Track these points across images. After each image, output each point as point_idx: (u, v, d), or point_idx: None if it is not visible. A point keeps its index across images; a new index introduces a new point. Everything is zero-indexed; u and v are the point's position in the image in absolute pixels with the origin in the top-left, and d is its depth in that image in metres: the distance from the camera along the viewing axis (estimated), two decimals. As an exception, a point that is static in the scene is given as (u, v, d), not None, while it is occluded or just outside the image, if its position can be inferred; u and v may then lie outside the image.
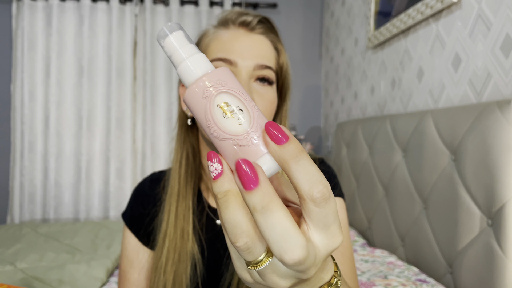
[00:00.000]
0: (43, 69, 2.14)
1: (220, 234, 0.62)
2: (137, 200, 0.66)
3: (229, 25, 0.58)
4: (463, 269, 0.96)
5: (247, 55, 0.55)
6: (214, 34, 0.58)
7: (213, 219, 0.63)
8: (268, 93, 0.56)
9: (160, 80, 2.23)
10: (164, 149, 2.24)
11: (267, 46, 0.58)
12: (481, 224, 0.90)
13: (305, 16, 2.45)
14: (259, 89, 0.56)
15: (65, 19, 2.16)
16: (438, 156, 1.07)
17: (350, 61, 1.98)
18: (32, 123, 2.14)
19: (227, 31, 0.58)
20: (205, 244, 0.61)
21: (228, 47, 0.55)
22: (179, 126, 0.64)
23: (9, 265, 1.22)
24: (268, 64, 0.57)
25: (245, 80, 0.54)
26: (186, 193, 0.60)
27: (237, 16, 0.58)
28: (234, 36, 0.57)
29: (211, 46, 0.57)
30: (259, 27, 0.58)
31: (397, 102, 1.48)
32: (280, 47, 0.61)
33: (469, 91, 1.07)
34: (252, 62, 0.55)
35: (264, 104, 0.55)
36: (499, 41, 0.96)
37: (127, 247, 0.66)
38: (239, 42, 0.56)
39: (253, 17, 0.58)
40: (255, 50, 0.56)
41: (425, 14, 1.24)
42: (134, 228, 0.65)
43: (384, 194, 1.40)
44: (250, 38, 0.57)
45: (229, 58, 0.54)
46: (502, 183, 0.84)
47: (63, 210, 2.16)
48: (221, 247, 0.62)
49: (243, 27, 0.58)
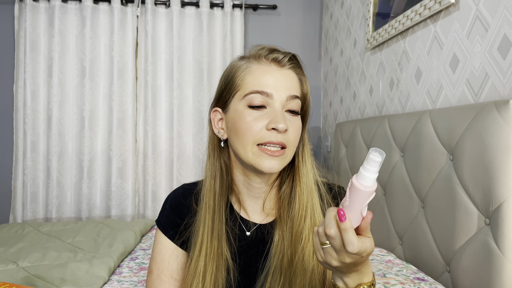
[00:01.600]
0: (45, 69, 2.16)
1: (252, 243, 0.69)
2: (173, 208, 0.72)
3: (261, 60, 0.65)
4: (461, 268, 0.97)
5: (280, 87, 0.63)
6: (247, 69, 0.65)
7: (244, 230, 0.70)
8: (297, 121, 0.65)
9: (161, 81, 2.24)
10: (165, 149, 2.25)
11: (295, 79, 0.66)
12: (479, 223, 0.91)
13: (305, 18, 2.46)
14: (290, 118, 0.64)
15: (67, 20, 2.18)
16: (436, 156, 1.08)
17: (349, 62, 1.99)
18: (34, 123, 2.15)
19: (259, 66, 0.65)
20: (237, 252, 0.68)
21: (264, 81, 0.63)
22: (211, 147, 0.70)
23: (12, 263, 1.23)
24: (297, 94, 0.65)
25: (280, 111, 0.62)
26: (220, 206, 0.67)
27: (269, 53, 0.65)
28: (267, 71, 0.64)
29: (246, 79, 0.64)
30: (288, 63, 0.66)
31: (396, 102, 1.49)
32: (303, 78, 0.68)
33: (467, 91, 1.08)
34: (284, 94, 0.63)
35: (294, 131, 0.63)
36: (496, 42, 0.97)
37: (162, 251, 0.71)
38: (273, 76, 0.63)
39: (283, 54, 0.65)
40: (287, 83, 0.64)
41: (423, 15, 1.25)
42: (170, 234, 0.71)
43: (382, 193, 1.41)
44: (281, 73, 0.64)
45: (266, 91, 0.62)
46: (500, 183, 0.85)
47: (65, 209, 2.17)
48: (253, 254, 0.69)
49: (274, 63, 0.65)
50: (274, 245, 0.66)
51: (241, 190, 0.70)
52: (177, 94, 2.24)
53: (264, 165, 0.60)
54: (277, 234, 0.66)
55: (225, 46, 2.28)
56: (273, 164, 0.60)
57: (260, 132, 0.60)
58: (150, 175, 2.21)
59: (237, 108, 0.64)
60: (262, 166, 0.60)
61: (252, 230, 0.70)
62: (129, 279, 1.13)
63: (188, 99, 2.26)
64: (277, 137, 0.60)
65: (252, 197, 0.70)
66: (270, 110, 0.62)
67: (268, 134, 0.60)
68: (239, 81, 0.64)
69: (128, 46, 2.21)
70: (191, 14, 2.26)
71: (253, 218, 0.70)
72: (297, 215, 0.65)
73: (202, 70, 2.27)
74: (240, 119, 0.62)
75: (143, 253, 1.39)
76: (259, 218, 0.70)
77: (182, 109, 2.26)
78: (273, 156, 0.60)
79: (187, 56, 2.26)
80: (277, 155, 0.60)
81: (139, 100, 2.26)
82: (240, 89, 0.64)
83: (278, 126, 0.59)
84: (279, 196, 0.69)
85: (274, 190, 0.70)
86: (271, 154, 0.60)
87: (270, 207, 0.71)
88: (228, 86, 0.66)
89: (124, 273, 1.19)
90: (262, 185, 0.68)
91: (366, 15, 1.78)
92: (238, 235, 0.69)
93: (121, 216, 2.21)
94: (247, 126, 0.61)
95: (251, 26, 2.41)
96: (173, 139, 2.24)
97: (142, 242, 1.55)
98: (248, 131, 0.61)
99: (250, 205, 0.70)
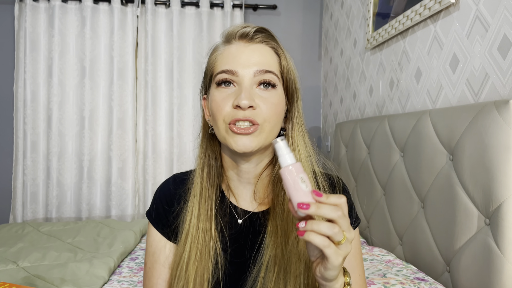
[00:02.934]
0: (45, 69, 2.16)
1: (243, 231, 0.66)
2: (162, 199, 0.70)
3: (231, 40, 0.63)
4: (461, 268, 0.97)
5: (247, 63, 0.59)
6: (220, 49, 0.64)
7: (235, 217, 0.67)
8: (272, 96, 0.60)
9: (161, 81, 2.24)
10: (165, 149, 2.25)
11: (266, 52, 0.62)
12: (479, 223, 0.91)
13: (305, 18, 2.46)
14: (262, 94, 0.60)
15: (67, 20, 2.18)
16: (436, 156, 1.08)
17: (349, 62, 1.99)
18: (34, 123, 2.15)
19: (230, 46, 0.63)
20: (229, 240, 0.66)
21: (230, 59, 0.60)
22: (202, 135, 0.69)
23: (12, 263, 1.23)
24: (268, 69, 0.60)
25: (246, 87, 0.58)
26: (208, 194, 0.65)
27: (237, 30, 0.62)
28: (235, 49, 0.61)
29: (217, 62, 0.62)
30: (257, 36, 0.62)
31: (396, 102, 1.49)
32: (280, 51, 0.64)
33: (467, 91, 1.08)
34: (252, 70, 0.59)
35: (268, 107, 0.59)
36: (496, 42, 0.97)
37: (152, 243, 0.69)
38: (239, 53, 0.61)
39: (251, 28, 0.62)
40: (254, 58, 0.60)
41: (423, 15, 1.25)
42: (159, 225, 0.69)
43: (382, 193, 1.41)
44: (250, 48, 0.61)
45: (230, 69, 0.59)
46: (500, 183, 0.85)
47: (65, 209, 2.17)
48: (245, 243, 0.66)
49: (243, 39, 0.62)
50: (268, 235, 0.63)
51: (231, 176, 0.67)
52: (177, 94, 2.24)
53: (236, 144, 0.57)
54: (271, 223, 0.64)
55: (225, 46, 2.28)
56: (244, 142, 0.57)
57: (228, 111, 0.58)
58: (150, 175, 2.21)
59: (210, 91, 0.63)
60: (234, 145, 0.58)
61: (244, 219, 0.67)
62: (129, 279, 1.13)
63: (188, 99, 2.26)
64: (245, 114, 0.57)
65: (242, 183, 0.67)
66: (238, 88, 0.59)
67: (235, 112, 0.57)
68: (212, 64, 0.64)
69: (128, 46, 2.21)
70: (191, 14, 2.26)
71: (244, 206, 0.68)
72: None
73: (202, 70, 2.25)
74: (212, 101, 0.61)
75: (143, 253, 1.39)
76: (252, 206, 0.68)
77: (182, 109, 2.26)
78: (243, 134, 0.57)
79: (187, 56, 2.26)
80: (249, 132, 0.57)
81: (139, 100, 2.26)
82: (213, 73, 0.63)
83: (240, 103, 0.56)
84: (272, 182, 0.65)
85: (267, 177, 0.66)
86: (239, 132, 0.57)
87: (263, 195, 0.67)
88: (206, 72, 0.66)
89: (124, 273, 1.19)
90: (250, 169, 0.65)
91: (366, 15, 1.78)
92: (229, 223, 0.66)
93: (121, 216, 2.21)
94: (216, 106, 0.59)
95: (251, 26, 2.41)
96: (173, 139, 2.24)
97: (142, 242, 1.55)
98: (217, 112, 0.59)
99: (241, 192, 0.68)
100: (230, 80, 0.60)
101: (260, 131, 0.58)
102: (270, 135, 0.60)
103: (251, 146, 0.58)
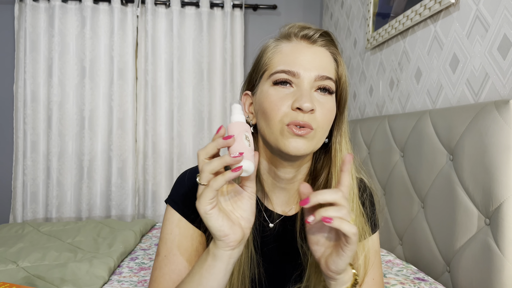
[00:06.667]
0: (45, 69, 2.16)
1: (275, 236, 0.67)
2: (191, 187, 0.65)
3: (291, 38, 0.61)
4: (461, 268, 0.97)
5: (309, 66, 0.58)
6: (276, 47, 0.61)
7: (267, 221, 0.67)
8: (328, 102, 0.59)
9: (161, 81, 2.24)
10: (165, 149, 2.25)
11: (327, 58, 0.61)
12: (479, 223, 0.91)
13: (305, 18, 2.46)
14: (320, 98, 0.59)
15: (67, 20, 2.18)
16: (436, 156, 1.08)
17: (349, 62, 1.99)
18: (34, 123, 2.15)
19: (289, 44, 0.61)
20: (259, 243, 0.65)
21: (291, 59, 0.58)
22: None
23: (12, 263, 1.23)
24: (329, 75, 0.59)
25: (307, 90, 0.57)
26: None
27: (299, 30, 0.61)
28: (296, 49, 0.60)
29: (274, 59, 0.60)
30: (320, 40, 0.61)
31: (396, 102, 1.49)
32: (339, 59, 0.63)
33: (467, 91, 1.08)
34: (313, 73, 0.58)
35: (323, 112, 0.58)
36: (496, 42, 0.97)
37: (173, 230, 0.64)
38: (301, 54, 0.59)
39: (315, 30, 0.61)
40: (316, 61, 0.59)
41: (423, 15, 1.25)
42: (184, 211, 0.64)
43: (382, 193, 1.41)
44: (311, 50, 0.60)
45: (292, 70, 0.58)
46: (500, 183, 0.85)
47: (65, 209, 2.17)
48: (275, 247, 0.67)
49: (305, 40, 0.61)
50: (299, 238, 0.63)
51: (266, 179, 0.66)
52: (177, 94, 2.24)
53: (289, 146, 0.56)
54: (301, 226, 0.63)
55: (225, 46, 2.28)
56: (298, 144, 0.56)
57: (286, 111, 0.56)
58: (150, 175, 2.21)
59: (263, 89, 0.60)
60: (288, 147, 0.56)
61: (276, 222, 0.67)
62: (129, 279, 1.13)
63: (188, 99, 2.26)
64: (304, 117, 0.55)
65: (277, 188, 0.66)
66: (297, 89, 0.57)
67: (294, 114, 0.56)
68: (267, 61, 0.61)
69: (128, 46, 2.21)
70: (191, 14, 2.26)
71: (277, 210, 0.67)
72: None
73: (202, 70, 2.27)
74: (266, 98, 0.59)
75: (143, 253, 1.39)
76: (282, 209, 0.68)
77: (182, 109, 2.26)
78: (299, 136, 0.56)
79: (187, 56, 2.26)
80: (304, 133, 0.55)
81: (139, 100, 2.25)
82: (267, 69, 0.60)
83: (303, 106, 0.54)
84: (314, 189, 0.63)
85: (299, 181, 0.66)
86: (298, 134, 0.55)
87: (295, 200, 0.67)
88: (257, 68, 0.63)
89: (124, 273, 1.19)
90: (290, 175, 0.64)
91: (366, 15, 1.78)
92: (261, 227, 0.66)
93: (121, 216, 2.21)
94: (271, 105, 0.57)
95: (251, 26, 2.41)
96: (173, 139, 2.24)
97: (142, 242, 1.55)
98: (272, 111, 0.57)
99: (275, 196, 0.67)
100: (289, 81, 0.58)
101: (313, 136, 0.57)
102: (319, 142, 0.59)
103: (303, 149, 0.57)
